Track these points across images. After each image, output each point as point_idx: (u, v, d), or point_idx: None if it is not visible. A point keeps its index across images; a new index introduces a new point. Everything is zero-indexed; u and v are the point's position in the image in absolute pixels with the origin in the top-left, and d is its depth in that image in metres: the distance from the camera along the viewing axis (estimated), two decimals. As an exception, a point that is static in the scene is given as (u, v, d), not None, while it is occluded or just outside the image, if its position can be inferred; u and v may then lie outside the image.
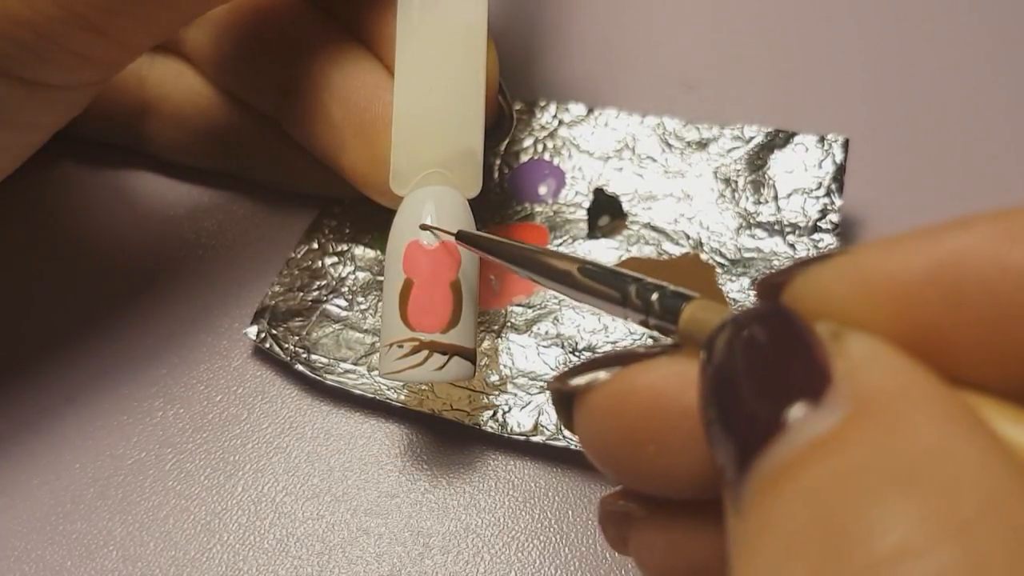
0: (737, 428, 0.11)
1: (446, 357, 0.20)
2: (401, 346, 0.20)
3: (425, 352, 0.20)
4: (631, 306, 0.14)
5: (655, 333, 0.14)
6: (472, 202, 0.21)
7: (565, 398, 0.14)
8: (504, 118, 0.24)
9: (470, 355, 0.20)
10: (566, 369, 0.15)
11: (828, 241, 0.24)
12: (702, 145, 0.26)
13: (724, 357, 0.12)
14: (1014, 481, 0.10)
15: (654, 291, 0.14)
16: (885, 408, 0.10)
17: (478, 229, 0.21)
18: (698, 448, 0.12)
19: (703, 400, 0.12)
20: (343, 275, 0.24)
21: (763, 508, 0.10)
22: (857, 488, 0.10)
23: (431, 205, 0.21)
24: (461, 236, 0.20)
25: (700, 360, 0.12)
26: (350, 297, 0.24)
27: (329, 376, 0.22)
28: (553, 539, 0.21)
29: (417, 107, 0.21)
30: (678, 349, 0.14)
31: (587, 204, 0.25)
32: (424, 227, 0.20)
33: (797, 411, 0.11)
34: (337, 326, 0.23)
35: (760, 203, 0.25)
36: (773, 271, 0.13)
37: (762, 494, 0.11)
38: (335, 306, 0.24)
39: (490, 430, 0.21)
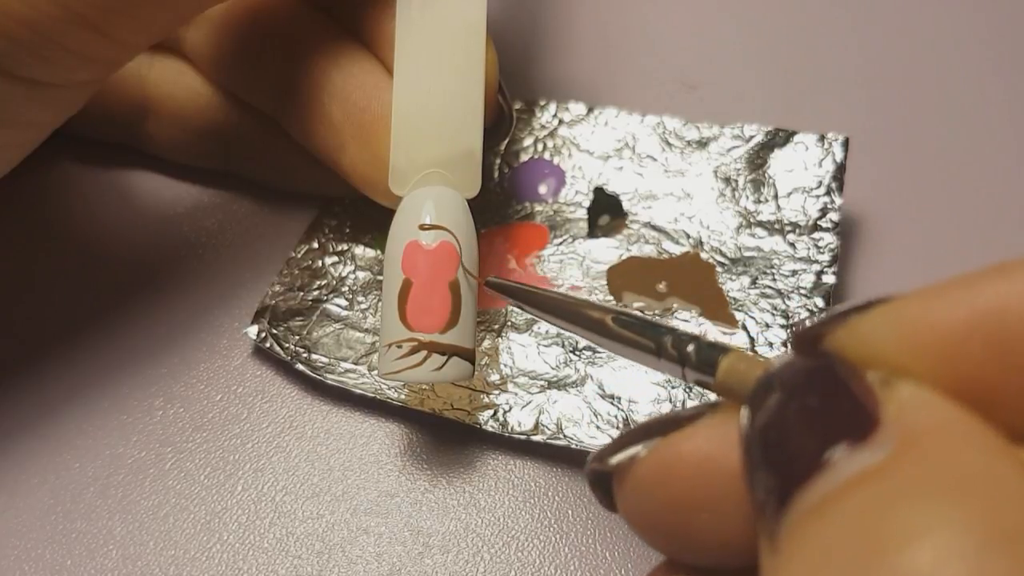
0: (780, 467, 0.11)
1: (445, 357, 0.20)
2: (400, 346, 0.20)
3: (424, 352, 0.20)
4: (667, 357, 0.14)
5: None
6: (472, 201, 0.21)
7: (603, 477, 0.14)
8: (504, 118, 0.23)
9: (469, 355, 0.20)
10: (601, 449, 0.14)
11: (828, 240, 0.24)
12: (702, 144, 0.26)
13: (771, 406, 0.12)
14: None
15: (690, 342, 0.14)
16: (931, 442, 0.10)
17: (478, 230, 0.22)
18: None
19: (746, 450, 0.12)
20: (343, 274, 0.24)
21: (799, 535, 0.11)
22: (898, 503, 0.10)
23: (430, 205, 0.21)
24: (491, 284, 0.20)
25: (742, 414, 0.12)
26: (350, 296, 0.24)
27: (329, 375, 0.22)
28: (553, 539, 0.21)
29: (416, 107, 0.21)
30: (714, 409, 0.14)
31: (587, 203, 0.25)
32: (423, 227, 0.20)
33: (842, 450, 0.11)
34: (337, 325, 0.23)
35: (760, 202, 0.25)
36: (808, 323, 0.13)
37: (801, 525, 0.11)
38: (335, 305, 0.24)
39: (490, 429, 0.21)
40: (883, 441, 0.11)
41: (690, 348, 0.14)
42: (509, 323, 0.23)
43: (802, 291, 0.23)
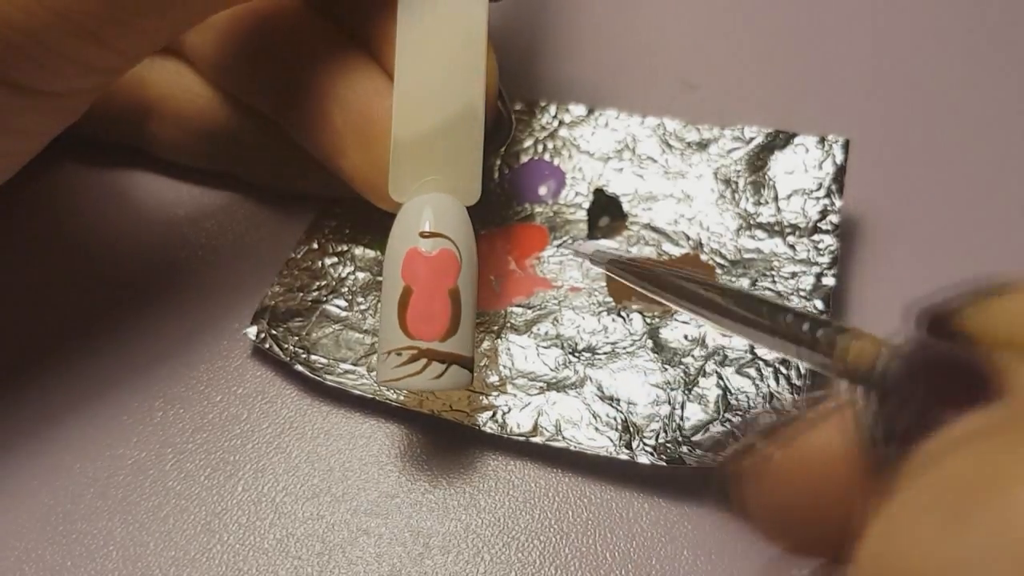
0: (899, 430, 0.11)
1: (444, 366, 0.20)
2: (399, 354, 0.20)
3: (423, 360, 0.20)
4: (783, 335, 0.14)
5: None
6: (471, 205, 0.21)
7: (734, 480, 0.14)
8: (503, 123, 0.24)
9: (468, 363, 0.20)
10: (731, 452, 0.15)
11: (828, 242, 0.24)
12: (702, 146, 0.26)
13: (896, 383, 0.12)
14: None
15: (806, 321, 0.14)
16: None
17: (478, 231, 0.22)
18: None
19: (864, 428, 0.12)
20: (343, 275, 0.24)
21: (913, 479, 0.11)
22: (1010, 449, 0.10)
23: (430, 212, 0.21)
24: (613, 263, 0.20)
25: (859, 393, 0.12)
26: (350, 297, 0.24)
27: (329, 376, 0.22)
28: (553, 539, 0.21)
29: (417, 113, 0.21)
30: (831, 407, 0.14)
31: (587, 205, 0.25)
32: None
33: (963, 413, 0.11)
34: (337, 326, 0.23)
35: (760, 204, 0.25)
36: (936, 300, 0.13)
37: (915, 471, 0.11)
38: (335, 306, 0.24)
39: (489, 431, 0.21)
40: (1005, 404, 0.11)
41: (807, 327, 0.14)
42: (508, 325, 0.23)
43: (802, 293, 0.23)
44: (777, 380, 0.21)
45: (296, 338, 0.23)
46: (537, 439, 0.21)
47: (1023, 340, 0.12)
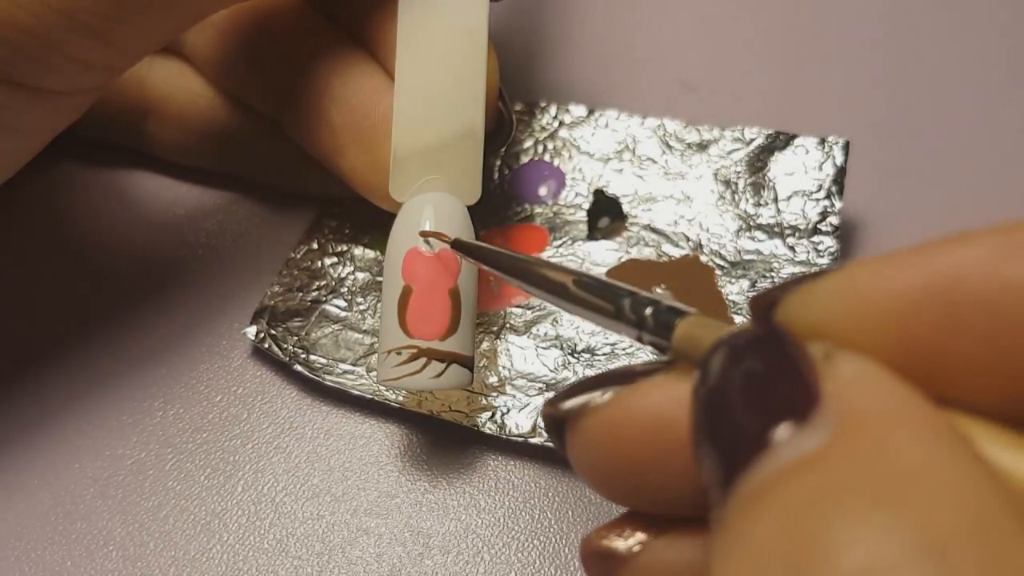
0: (723, 446, 0.11)
1: (444, 365, 0.20)
2: (399, 353, 0.20)
3: (423, 359, 0.20)
4: (625, 320, 0.14)
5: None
6: (472, 204, 0.21)
7: (557, 422, 0.14)
8: (504, 123, 0.24)
9: (468, 362, 0.20)
10: (557, 392, 0.14)
11: (828, 244, 0.24)
12: (702, 147, 0.26)
13: (715, 374, 0.11)
14: (996, 503, 0.09)
15: (648, 305, 0.14)
16: (869, 428, 0.10)
17: (478, 231, 0.22)
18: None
19: (693, 416, 0.12)
20: (342, 275, 0.24)
21: (739, 524, 0.10)
22: (832, 504, 0.09)
23: (430, 211, 0.21)
24: (457, 244, 0.20)
25: (693, 379, 0.12)
26: (349, 298, 0.24)
27: (328, 376, 0.22)
28: (553, 539, 0.21)
29: (417, 113, 0.21)
30: (672, 367, 0.13)
31: (587, 205, 0.25)
32: (423, 234, 0.20)
33: (783, 430, 0.10)
34: (336, 326, 0.23)
35: (760, 205, 0.25)
36: (766, 288, 0.13)
37: (741, 510, 0.10)
38: (334, 306, 0.24)
39: (488, 431, 0.21)
40: (822, 423, 0.10)
41: (648, 311, 0.14)
42: (508, 325, 0.23)
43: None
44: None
45: (295, 338, 0.23)
46: (536, 440, 0.21)
47: (836, 330, 0.12)
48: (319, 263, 0.25)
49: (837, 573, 0.09)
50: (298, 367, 0.23)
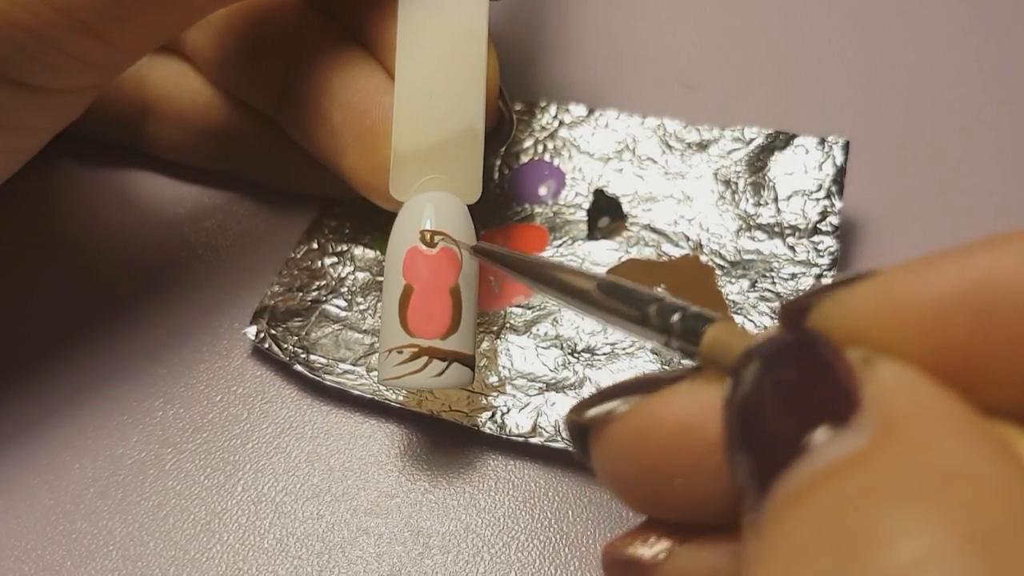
0: (760, 450, 0.11)
1: (445, 363, 0.20)
2: (400, 352, 0.20)
3: (424, 358, 0.20)
4: (651, 326, 0.14)
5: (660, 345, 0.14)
6: (472, 203, 0.21)
7: (581, 430, 0.14)
8: (504, 123, 0.24)
9: (469, 361, 0.20)
10: (582, 399, 0.14)
11: (828, 243, 0.24)
12: (702, 147, 0.26)
13: (750, 382, 0.11)
14: None
15: (675, 311, 0.14)
16: (911, 430, 0.10)
17: (478, 231, 0.22)
18: (728, 477, 0.12)
19: (727, 424, 0.12)
20: (343, 275, 0.24)
21: (780, 525, 0.10)
22: (879, 500, 0.10)
23: (430, 211, 0.21)
24: (478, 250, 0.20)
25: (725, 386, 0.12)
26: (349, 297, 0.24)
27: (328, 376, 0.22)
28: (553, 539, 0.21)
29: (417, 112, 0.21)
30: (698, 373, 0.13)
31: (587, 205, 0.25)
32: (436, 233, 0.20)
33: (821, 434, 0.11)
34: (336, 326, 0.23)
35: (760, 205, 0.25)
36: (796, 295, 0.13)
37: (781, 512, 0.10)
38: (334, 306, 0.24)
39: (488, 431, 0.21)
40: (862, 426, 0.10)
41: (675, 317, 0.13)
42: (508, 325, 0.23)
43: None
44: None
45: (295, 338, 0.23)
46: (536, 440, 0.21)
47: (872, 335, 0.12)
48: (319, 263, 0.25)
49: (888, 563, 0.09)
50: (298, 367, 0.23)
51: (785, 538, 0.10)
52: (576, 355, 0.23)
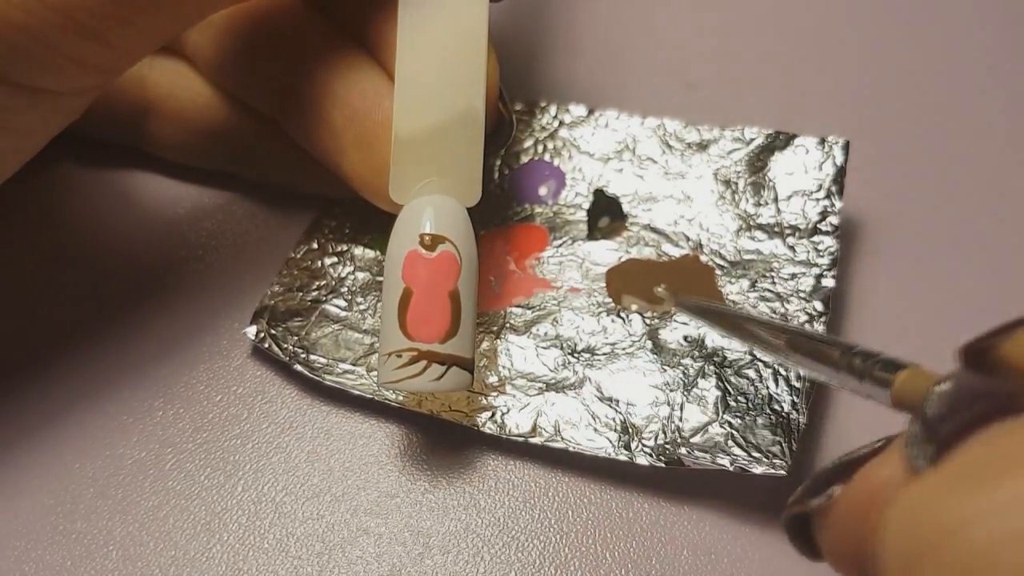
0: (940, 436, 0.12)
1: (444, 367, 0.20)
2: (399, 356, 0.20)
3: (423, 362, 0.20)
4: (847, 371, 0.15)
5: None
6: (472, 205, 0.21)
7: (803, 522, 0.15)
8: (504, 124, 0.24)
9: (468, 365, 0.20)
10: (794, 495, 0.15)
11: (828, 243, 0.24)
12: (702, 147, 0.26)
13: (937, 410, 0.12)
14: None
15: (865, 358, 0.15)
16: None
17: (478, 232, 0.22)
18: None
19: (911, 443, 0.12)
20: (343, 275, 0.25)
21: (961, 454, 0.11)
22: None
23: (430, 213, 0.21)
24: (681, 305, 0.21)
25: (910, 422, 0.13)
26: (349, 297, 0.24)
27: (328, 376, 0.22)
28: (553, 539, 0.21)
29: (417, 114, 0.21)
30: (893, 441, 0.14)
31: (587, 205, 0.25)
32: (424, 240, 0.20)
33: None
34: (336, 326, 0.23)
35: (760, 205, 0.25)
36: (982, 335, 0.13)
37: (963, 449, 0.11)
38: (334, 306, 0.24)
39: (488, 431, 0.21)
40: None
41: (867, 364, 0.15)
42: (508, 325, 0.23)
43: (801, 295, 0.23)
44: (776, 382, 0.21)
45: (295, 338, 0.23)
46: (536, 440, 0.21)
47: None
48: (319, 263, 0.25)
49: None
50: (298, 367, 0.23)
51: (948, 464, 0.11)
52: (576, 355, 0.23)
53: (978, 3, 0.31)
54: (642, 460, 0.21)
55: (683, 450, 0.21)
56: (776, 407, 0.21)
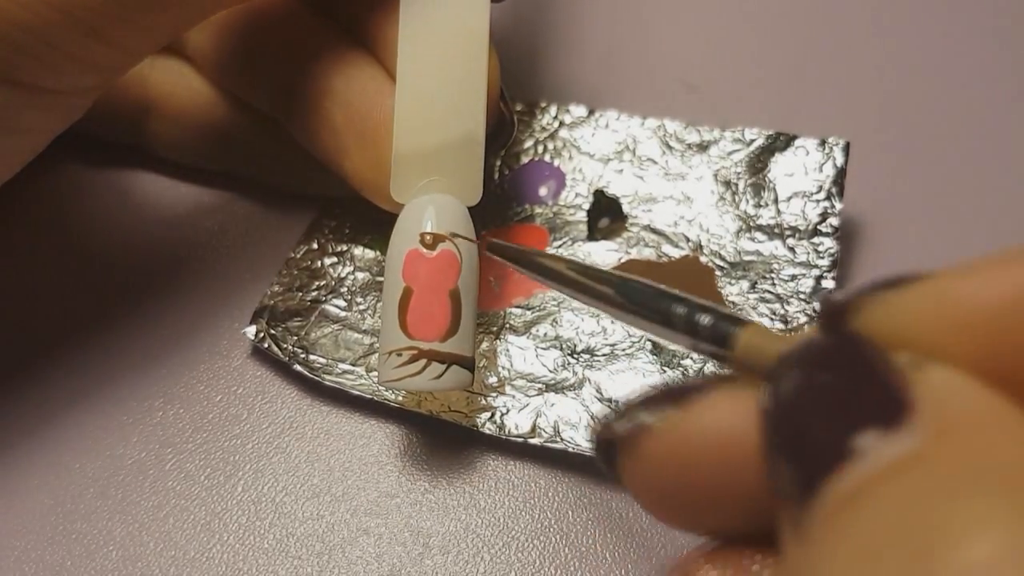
0: (803, 456, 0.11)
1: (444, 366, 0.20)
2: (400, 354, 0.20)
3: (424, 361, 0.20)
4: (676, 327, 0.14)
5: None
6: (473, 205, 0.21)
7: (610, 446, 0.14)
8: (505, 124, 0.24)
9: (468, 364, 0.20)
10: (608, 413, 0.14)
11: (828, 245, 0.24)
12: (702, 147, 0.26)
13: (791, 388, 0.11)
14: None
15: (703, 313, 0.13)
16: (969, 430, 0.10)
17: (479, 232, 0.22)
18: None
19: (765, 431, 0.11)
20: (342, 275, 0.25)
21: (835, 529, 0.10)
22: (945, 497, 0.09)
23: (431, 212, 0.21)
24: (492, 247, 0.20)
25: (763, 391, 0.12)
26: (349, 297, 0.24)
27: (327, 376, 0.22)
28: (553, 539, 0.21)
29: (418, 114, 0.21)
30: (726, 381, 0.13)
31: (587, 206, 0.25)
32: (437, 237, 0.20)
33: (871, 437, 0.10)
34: (336, 326, 0.23)
35: (760, 206, 0.25)
36: (839, 294, 0.13)
37: (834, 516, 0.10)
38: (334, 306, 0.24)
39: (488, 432, 0.21)
40: (916, 428, 0.10)
41: (705, 320, 0.13)
42: (508, 325, 0.23)
43: (801, 296, 0.23)
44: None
45: (295, 338, 0.23)
46: (535, 440, 0.21)
47: (922, 339, 0.12)
48: (319, 263, 0.25)
49: (965, 558, 0.09)
50: (298, 367, 0.23)
51: (844, 540, 0.10)
52: (576, 356, 0.23)
53: (978, 3, 0.31)
54: (642, 461, 0.21)
55: (683, 451, 0.21)
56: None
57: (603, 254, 0.25)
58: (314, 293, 0.24)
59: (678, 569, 0.13)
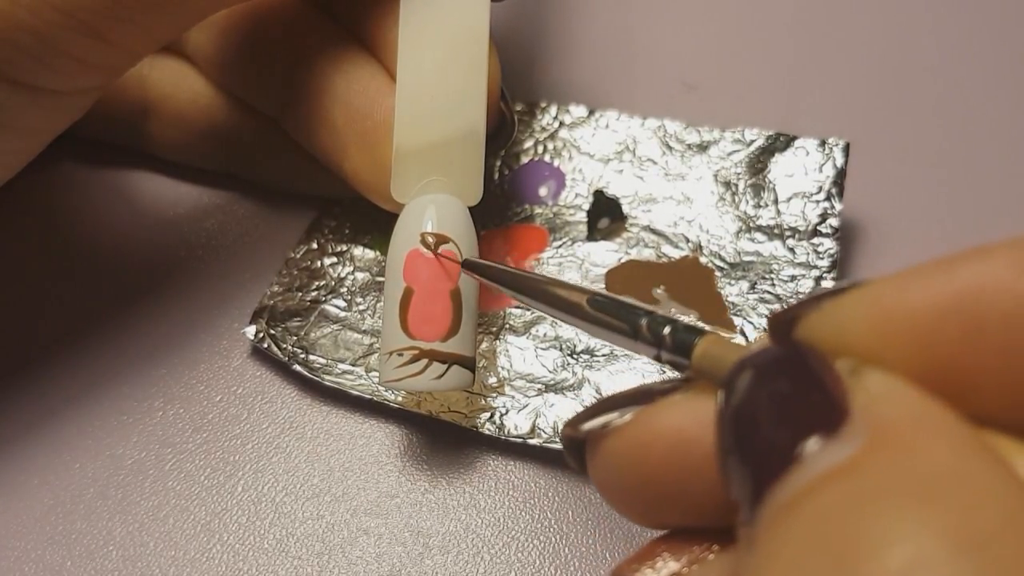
0: (753, 460, 0.11)
1: (445, 366, 0.20)
2: (401, 354, 0.20)
3: (425, 361, 0.20)
4: (642, 339, 0.14)
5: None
6: (473, 205, 0.21)
7: (577, 444, 0.14)
8: (505, 124, 0.24)
9: (469, 363, 0.20)
10: (577, 413, 0.14)
11: (828, 245, 0.24)
12: (702, 148, 0.26)
13: (742, 394, 0.12)
14: None
15: (666, 324, 0.14)
16: (900, 437, 0.10)
17: (478, 232, 0.22)
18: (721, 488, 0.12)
19: (719, 435, 0.12)
20: (342, 275, 0.25)
21: (774, 534, 0.10)
22: (871, 506, 0.10)
23: (432, 212, 0.21)
24: (467, 265, 0.20)
25: (717, 398, 0.12)
26: (349, 298, 0.24)
27: (327, 376, 0.22)
28: (553, 539, 0.21)
29: (418, 114, 0.21)
30: (691, 384, 0.13)
31: (587, 206, 0.25)
32: (440, 238, 0.20)
33: (812, 444, 0.11)
34: (335, 326, 0.23)
35: (760, 207, 0.25)
36: (784, 307, 0.13)
37: (774, 521, 0.11)
38: (334, 306, 0.24)
39: (487, 432, 0.21)
40: (852, 435, 0.11)
41: (666, 330, 0.14)
42: (507, 326, 0.23)
43: (801, 296, 0.23)
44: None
45: (295, 338, 0.23)
46: (535, 441, 0.21)
47: (859, 346, 0.12)
48: (319, 263, 0.25)
49: (884, 568, 0.09)
50: (297, 367, 0.23)
51: (779, 547, 0.10)
52: (575, 356, 0.23)
53: (978, 3, 0.31)
54: (642, 461, 0.21)
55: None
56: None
57: (603, 254, 0.25)
58: (314, 293, 0.24)
59: (637, 558, 0.14)
